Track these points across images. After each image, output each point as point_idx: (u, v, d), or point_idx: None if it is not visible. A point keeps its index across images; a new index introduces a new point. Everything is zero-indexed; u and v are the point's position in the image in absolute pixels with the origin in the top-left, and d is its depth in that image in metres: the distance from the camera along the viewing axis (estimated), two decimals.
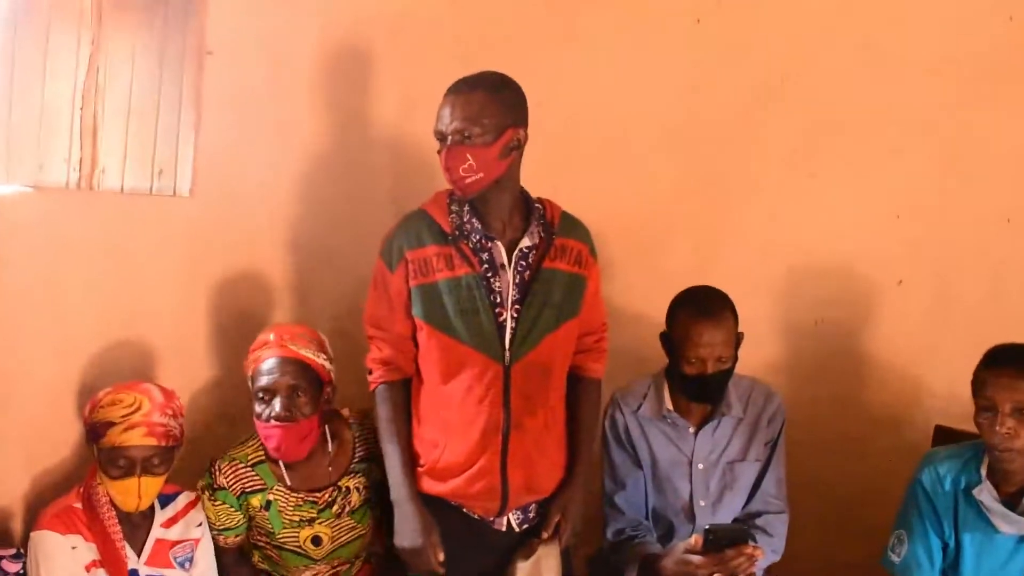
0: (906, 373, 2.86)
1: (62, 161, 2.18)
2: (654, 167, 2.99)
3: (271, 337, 2.24)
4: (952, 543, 2.27)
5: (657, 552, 2.31)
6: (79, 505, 2.13)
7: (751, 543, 2.19)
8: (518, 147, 2.16)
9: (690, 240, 3.00)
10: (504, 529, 2.25)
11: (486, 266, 2.15)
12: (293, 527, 2.29)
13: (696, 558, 2.18)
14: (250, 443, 2.31)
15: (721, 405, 2.46)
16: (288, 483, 2.30)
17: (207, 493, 2.27)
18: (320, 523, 2.30)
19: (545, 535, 2.22)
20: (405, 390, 2.25)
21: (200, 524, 2.27)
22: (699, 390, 2.40)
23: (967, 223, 2.90)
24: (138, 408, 2.10)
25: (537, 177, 2.58)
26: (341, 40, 2.58)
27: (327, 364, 2.29)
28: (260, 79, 2.38)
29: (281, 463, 2.28)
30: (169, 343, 2.41)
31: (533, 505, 2.27)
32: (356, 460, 2.37)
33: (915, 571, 2.29)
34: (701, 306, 2.38)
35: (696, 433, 2.46)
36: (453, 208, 2.19)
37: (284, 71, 2.42)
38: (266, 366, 2.20)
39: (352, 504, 2.34)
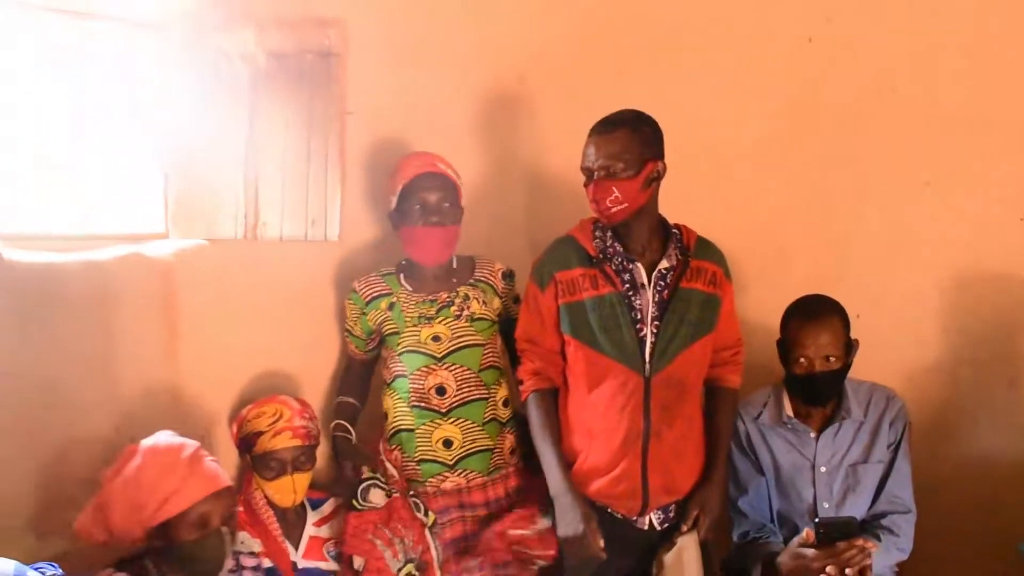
0: None
1: (230, 217, 2.52)
2: (769, 185, 3.10)
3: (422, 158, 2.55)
4: None
5: (778, 550, 2.41)
6: (240, 508, 2.38)
7: (862, 537, 2.27)
8: (658, 178, 2.37)
9: (809, 254, 3.08)
10: (646, 528, 2.41)
11: (627, 286, 2.35)
12: (414, 324, 2.51)
13: (809, 551, 2.29)
14: (383, 266, 2.60)
15: (841, 410, 2.55)
16: (410, 288, 2.55)
17: (348, 296, 2.57)
18: (439, 322, 2.51)
19: (685, 528, 2.36)
20: (554, 398, 2.46)
21: None
22: (809, 389, 2.51)
23: None
24: (280, 416, 2.37)
25: (661, 202, 2.80)
26: (472, 91, 2.86)
27: (461, 185, 2.57)
28: (396, 132, 2.67)
29: (403, 277, 2.56)
30: (317, 371, 2.70)
31: (673, 505, 2.43)
32: (476, 277, 2.60)
33: None
34: (808, 310, 2.51)
35: (817, 438, 2.55)
36: (597, 234, 2.41)
37: (418, 123, 2.70)
38: (423, 180, 2.49)
39: (471, 311, 2.54)
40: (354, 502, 2.43)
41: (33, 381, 2.07)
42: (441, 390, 2.51)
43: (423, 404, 2.51)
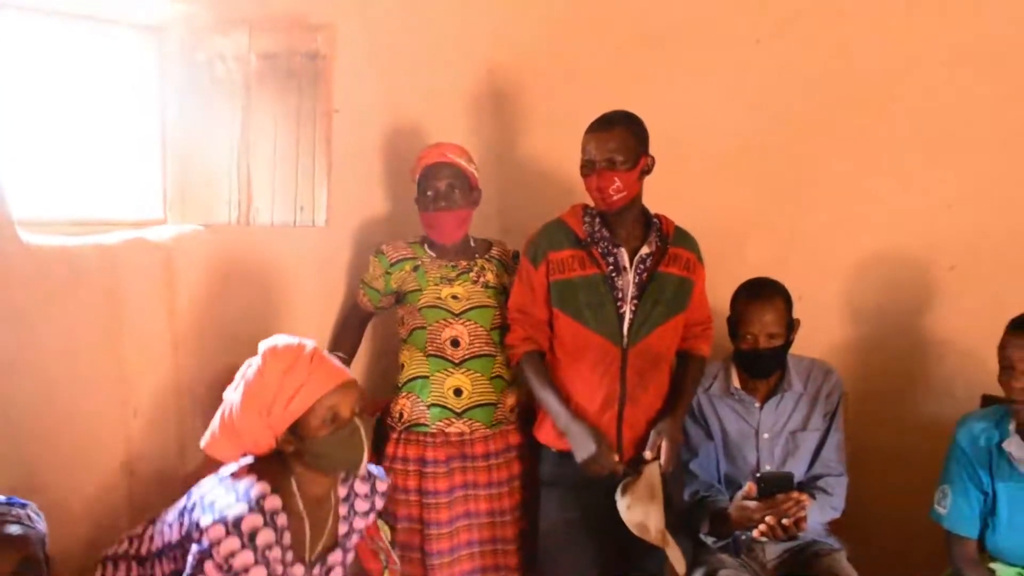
0: (960, 349, 3.10)
1: (225, 204, 2.72)
2: (731, 177, 3.37)
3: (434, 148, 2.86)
4: (990, 492, 2.56)
5: (724, 507, 2.68)
6: None
7: (798, 491, 2.53)
8: (648, 171, 2.65)
9: (766, 240, 3.35)
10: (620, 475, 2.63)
11: (611, 268, 2.62)
12: (437, 283, 2.81)
13: (752, 503, 2.55)
14: (412, 237, 2.93)
15: (783, 382, 2.81)
16: (433, 255, 2.87)
17: (374, 254, 2.87)
18: (457, 283, 2.82)
19: (649, 454, 2.58)
20: (543, 359, 2.72)
21: None
22: (754, 364, 2.77)
23: (1017, 211, 3.10)
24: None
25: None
26: (448, 89, 3.09)
27: (475, 173, 2.89)
28: (377, 128, 2.90)
29: (427, 246, 2.87)
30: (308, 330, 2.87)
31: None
32: (492, 255, 2.93)
33: (959, 519, 2.57)
34: (753, 291, 2.78)
35: (761, 407, 2.81)
36: (586, 219, 2.68)
37: (398, 120, 2.93)
38: (433, 169, 2.80)
39: (486, 279, 2.86)
40: None
41: (55, 356, 2.26)
42: (456, 342, 2.80)
43: (438, 354, 2.80)
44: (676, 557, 2.50)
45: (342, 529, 2.21)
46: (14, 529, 1.83)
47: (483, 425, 2.82)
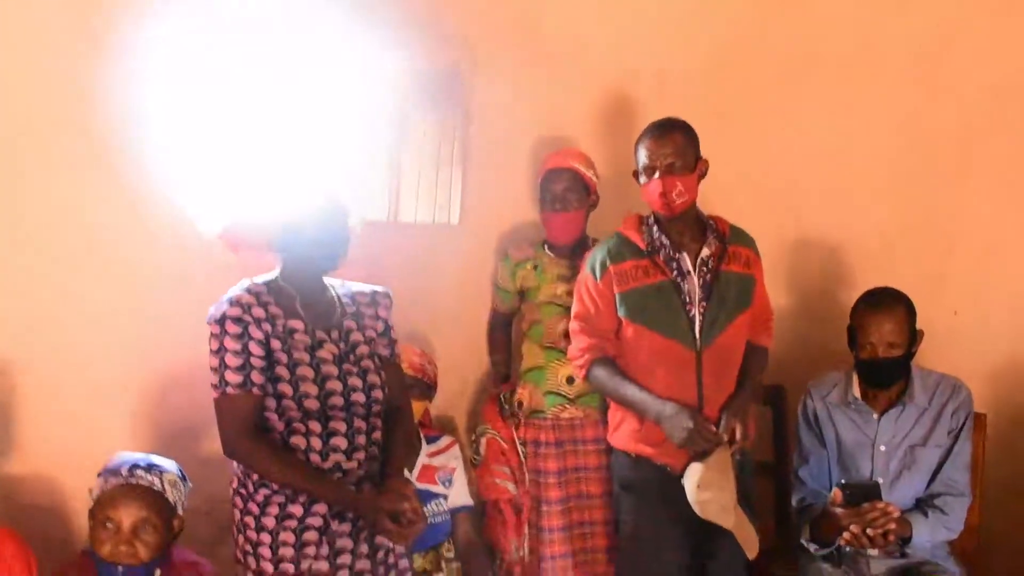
0: None
1: (379, 203, 3.08)
2: (885, 185, 3.32)
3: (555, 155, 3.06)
4: None
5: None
6: None
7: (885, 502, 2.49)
8: (704, 174, 2.71)
9: (919, 252, 3.28)
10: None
11: (676, 273, 2.69)
12: (554, 281, 3.01)
13: (838, 510, 2.52)
14: (535, 238, 3.13)
15: (906, 394, 2.75)
16: (552, 255, 3.06)
17: (501, 258, 3.12)
18: (573, 281, 2.91)
19: (725, 436, 2.59)
20: (615, 363, 2.74)
21: (457, 457, 3.03)
22: (872, 373, 2.73)
23: None
24: (402, 353, 2.81)
25: (776, 212, 3.18)
26: (575, 103, 3.28)
27: (594, 177, 3.03)
28: (507, 140, 3.17)
29: (547, 247, 3.07)
30: (447, 333, 3.24)
31: None
32: None
33: None
34: (874, 299, 2.74)
35: (879, 419, 2.76)
36: (644, 229, 2.74)
37: (528, 132, 3.18)
38: (553, 173, 2.99)
39: None
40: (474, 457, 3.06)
41: None
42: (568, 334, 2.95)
43: (553, 345, 3.00)
44: (747, 539, 2.52)
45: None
46: (134, 491, 2.23)
47: (596, 410, 2.97)
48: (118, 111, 2.66)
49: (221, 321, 2.26)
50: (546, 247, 3.09)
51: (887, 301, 2.72)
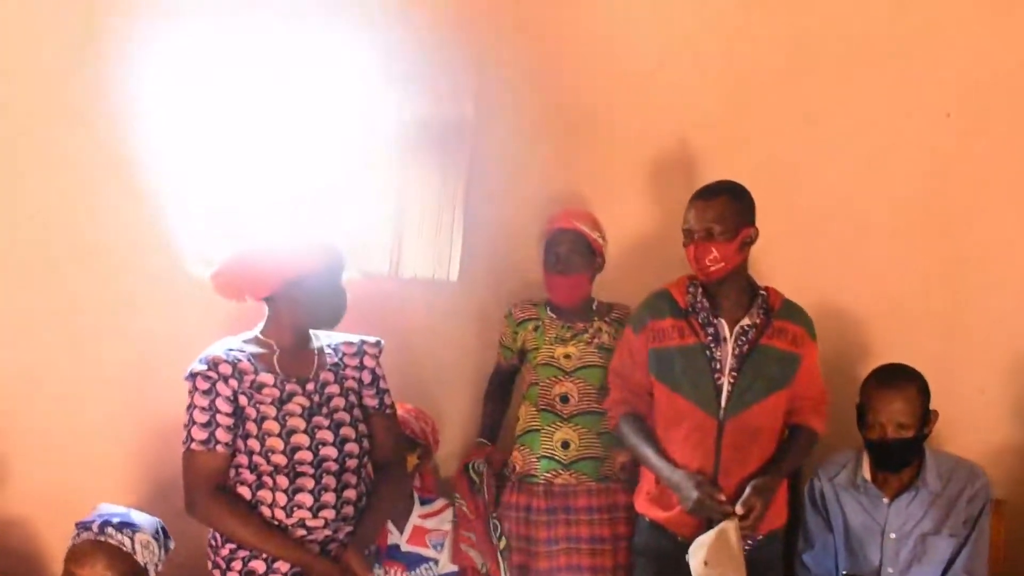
0: None
1: (381, 258, 3.02)
2: (904, 253, 3.13)
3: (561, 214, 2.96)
4: None
5: None
6: None
7: None
8: (751, 242, 2.59)
9: (938, 325, 3.09)
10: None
11: (711, 338, 2.58)
12: (552, 343, 2.91)
13: None
14: (538, 297, 3.03)
15: (918, 479, 2.61)
16: (554, 316, 2.96)
17: (505, 316, 3.01)
18: (572, 344, 2.89)
19: (740, 510, 2.45)
20: (643, 420, 2.68)
21: (451, 521, 2.92)
22: (881, 455, 2.60)
23: None
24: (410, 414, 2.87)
25: (797, 259, 3.03)
26: (584, 160, 3.19)
27: (600, 240, 2.93)
28: (511, 196, 3.10)
29: (549, 308, 2.97)
30: (447, 383, 3.18)
31: None
32: (613, 317, 2.95)
33: None
34: (885, 376, 2.61)
35: (890, 504, 2.61)
36: (690, 289, 2.65)
37: (528, 187, 3.10)
38: (558, 233, 2.90)
39: (601, 340, 2.90)
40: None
41: None
42: (565, 398, 2.88)
43: (549, 408, 2.90)
44: None
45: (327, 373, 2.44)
46: (102, 549, 2.22)
47: (589, 478, 2.86)
48: (117, 141, 2.72)
49: (192, 379, 2.33)
50: (548, 308, 3.00)
51: (898, 378, 2.58)
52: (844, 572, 2.50)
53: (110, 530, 2.24)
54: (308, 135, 2.94)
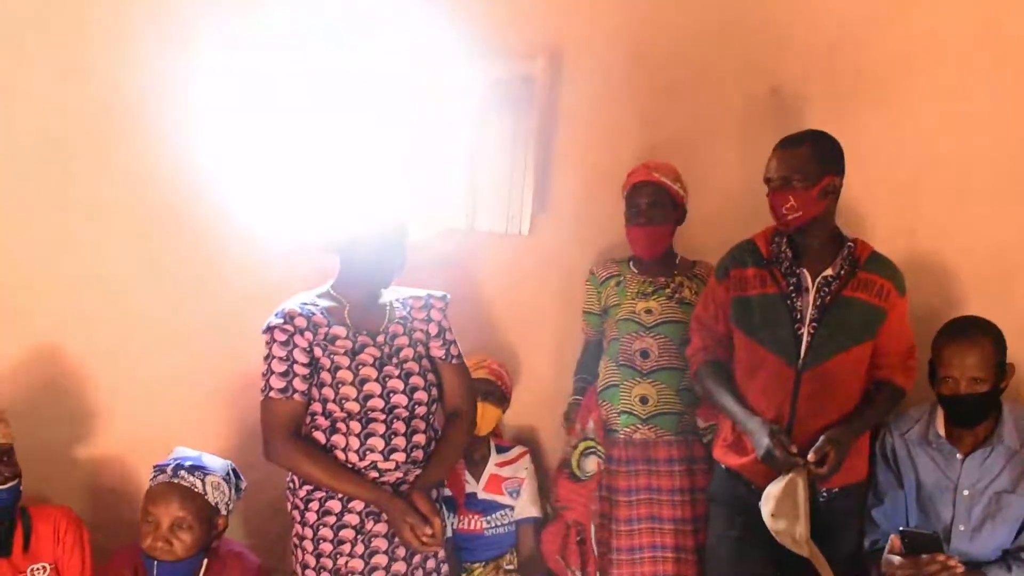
0: None
1: (459, 212, 3.11)
2: (1004, 209, 2.98)
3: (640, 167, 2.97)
4: None
5: None
6: None
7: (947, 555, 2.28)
8: (834, 192, 2.54)
9: None
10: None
11: (792, 288, 2.56)
12: (633, 298, 2.95)
13: (896, 558, 2.35)
14: (621, 255, 3.07)
15: (994, 435, 2.52)
16: (636, 271, 2.99)
17: (588, 280, 3.06)
18: (653, 299, 2.93)
19: (812, 457, 2.42)
20: (724, 368, 2.69)
21: (527, 468, 3.03)
22: (955, 410, 2.53)
23: None
24: (483, 360, 2.97)
25: (894, 212, 2.96)
26: (660, 111, 3.18)
27: (681, 191, 2.95)
28: (583, 158, 3.13)
29: (632, 263, 3.01)
30: (520, 334, 3.26)
31: None
32: (695, 272, 2.99)
33: None
34: (957, 330, 2.53)
35: (964, 460, 2.54)
36: (775, 239, 2.64)
37: (604, 152, 3.13)
38: (638, 186, 2.92)
39: (682, 295, 2.94)
40: (574, 470, 2.96)
41: None
42: (645, 354, 2.92)
43: (628, 364, 2.94)
44: (824, 566, 2.39)
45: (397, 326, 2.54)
46: (175, 491, 2.37)
47: (668, 432, 2.90)
48: (177, 120, 2.83)
49: (269, 331, 2.44)
50: (631, 263, 3.02)
51: (971, 331, 2.50)
52: (900, 527, 2.43)
53: (183, 472, 2.40)
54: (384, 97, 3.03)
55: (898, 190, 3.07)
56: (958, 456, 2.55)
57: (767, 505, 2.47)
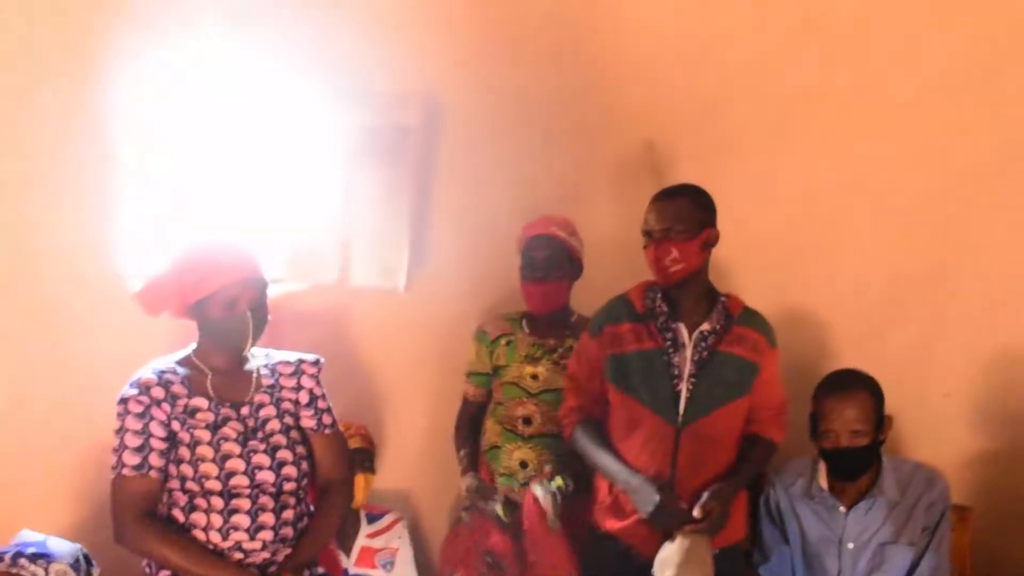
0: None
1: (330, 266, 2.97)
2: (875, 261, 3.07)
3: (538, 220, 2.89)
4: None
5: None
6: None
7: None
8: (712, 244, 2.52)
9: (906, 331, 3.03)
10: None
11: (669, 343, 2.51)
12: (522, 361, 2.85)
13: None
14: (513, 311, 2.96)
15: (875, 487, 2.53)
16: (527, 331, 2.89)
17: (475, 338, 2.93)
18: (541, 363, 2.84)
19: (698, 513, 2.37)
20: (599, 427, 2.61)
21: (401, 537, 2.88)
22: (835, 464, 2.53)
23: None
24: (351, 426, 2.81)
25: (766, 267, 2.98)
26: (540, 168, 3.14)
27: (578, 245, 2.89)
28: (463, 210, 3.05)
29: (524, 322, 2.91)
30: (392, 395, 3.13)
31: None
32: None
33: None
34: (836, 383, 2.54)
35: (847, 513, 2.54)
36: (648, 294, 2.58)
37: (476, 194, 3.06)
38: (535, 240, 2.84)
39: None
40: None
41: None
42: (528, 420, 2.83)
43: (511, 429, 2.85)
44: None
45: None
46: None
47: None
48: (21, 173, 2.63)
49: (123, 403, 2.25)
50: (523, 321, 2.93)
51: (850, 385, 2.52)
52: None
53: (23, 561, 2.19)
54: (253, 145, 2.89)
55: (769, 246, 3.12)
56: (841, 509, 2.55)
57: (666, 571, 2.36)
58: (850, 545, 2.53)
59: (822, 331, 3.12)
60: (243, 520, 2.24)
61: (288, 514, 2.31)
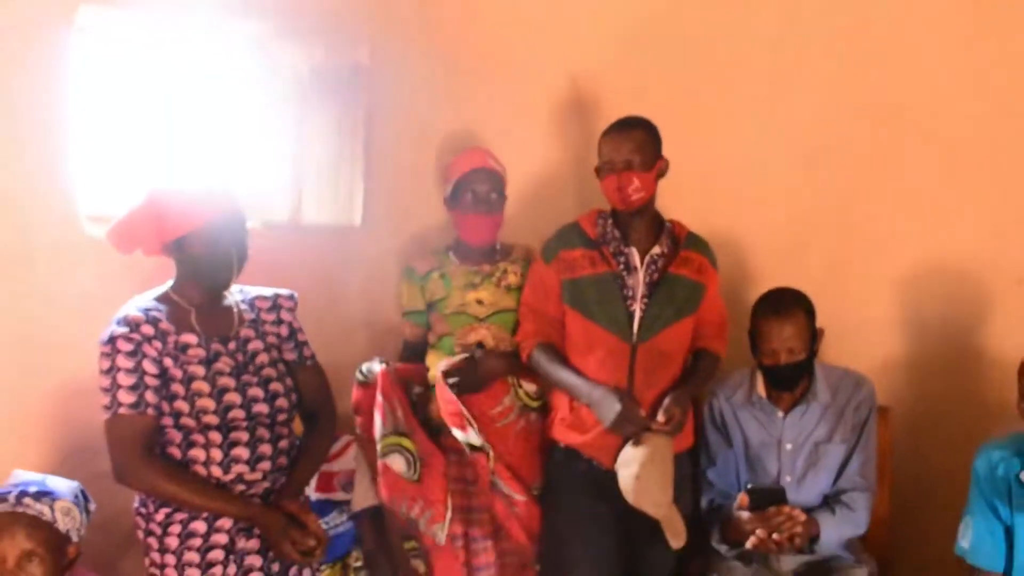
0: None
1: (280, 204, 3.00)
2: (793, 184, 3.29)
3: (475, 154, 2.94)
4: (1011, 525, 2.40)
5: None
6: None
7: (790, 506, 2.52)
8: (663, 174, 2.71)
9: (824, 249, 3.26)
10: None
11: (622, 267, 2.68)
12: (461, 289, 2.89)
13: (744, 514, 2.55)
14: (436, 245, 3.00)
15: (809, 392, 2.76)
16: (458, 261, 2.94)
17: (404, 277, 2.95)
18: (482, 288, 2.90)
19: (662, 417, 2.57)
20: (556, 348, 2.75)
21: (355, 457, 2.89)
22: (775, 379, 2.74)
23: None
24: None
25: (693, 193, 3.09)
26: (481, 100, 3.22)
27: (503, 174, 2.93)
28: (409, 139, 3.10)
29: (452, 253, 2.95)
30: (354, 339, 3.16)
31: None
32: (515, 256, 2.98)
33: (981, 552, 2.44)
34: (773, 305, 2.73)
35: (784, 417, 2.77)
36: (599, 221, 2.75)
37: (427, 131, 3.11)
38: (476, 173, 2.88)
39: (508, 281, 2.92)
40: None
41: None
42: (481, 346, 2.89)
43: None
44: (676, 531, 2.53)
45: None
46: (20, 521, 2.14)
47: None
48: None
49: (111, 342, 2.23)
50: (451, 253, 2.97)
51: (786, 306, 2.71)
52: (748, 484, 2.64)
53: (28, 500, 2.17)
54: (204, 89, 2.87)
55: (694, 175, 3.28)
56: (779, 414, 2.77)
57: (630, 468, 2.54)
58: (788, 446, 2.75)
59: (745, 252, 3.35)
60: (243, 452, 2.30)
61: (283, 444, 2.39)
